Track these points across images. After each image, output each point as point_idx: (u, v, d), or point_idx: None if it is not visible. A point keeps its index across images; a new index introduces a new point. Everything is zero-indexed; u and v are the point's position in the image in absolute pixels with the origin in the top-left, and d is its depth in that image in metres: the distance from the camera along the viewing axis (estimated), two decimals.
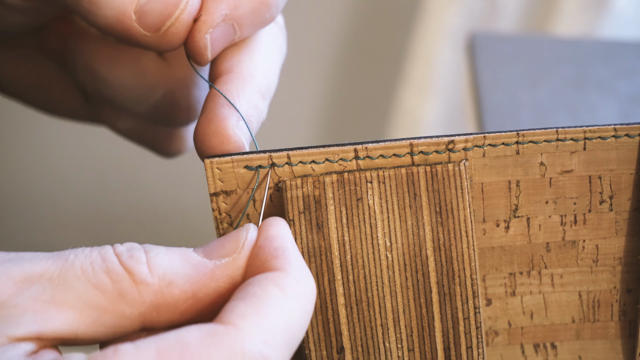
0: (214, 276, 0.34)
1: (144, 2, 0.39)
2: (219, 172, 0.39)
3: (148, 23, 0.39)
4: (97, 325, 0.32)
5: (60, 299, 0.31)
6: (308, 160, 0.38)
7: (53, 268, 0.32)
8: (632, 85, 0.80)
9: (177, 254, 0.34)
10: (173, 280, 0.33)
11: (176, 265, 0.33)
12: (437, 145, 0.38)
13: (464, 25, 1.20)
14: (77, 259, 0.32)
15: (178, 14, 0.39)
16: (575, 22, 1.13)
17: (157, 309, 0.33)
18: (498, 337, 0.42)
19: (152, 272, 0.33)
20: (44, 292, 0.31)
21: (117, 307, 0.32)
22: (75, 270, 0.32)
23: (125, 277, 0.32)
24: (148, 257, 0.33)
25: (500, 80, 0.83)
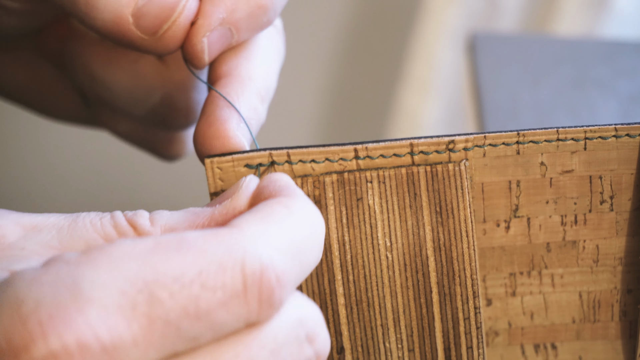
0: (214, 217, 0.34)
1: (142, 4, 0.39)
2: (220, 171, 0.39)
3: (145, 26, 0.39)
4: None
5: (67, 246, 0.32)
6: (308, 159, 0.38)
7: (63, 221, 0.33)
8: (633, 85, 0.80)
9: (180, 211, 0.34)
10: (174, 228, 0.33)
11: (178, 216, 0.34)
12: (437, 145, 0.38)
13: (464, 25, 1.20)
14: (87, 215, 0.33)
15: (175, 17, 0.39)
16: (575, 22, 1.13)
17: None
18: (498, 337, 0.42)
19: (153, 223, 0.33)
20: (53, 239, 0.32)
21: None
22: (85, 222, 0.33)
23: (129, 229, 0.33)
24: (151, 214, 0.34)
25: (500, 80, 0.82)
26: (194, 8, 0.40)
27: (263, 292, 0.29)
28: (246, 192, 0.34)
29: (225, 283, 0.28)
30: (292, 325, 0.30)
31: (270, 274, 0.29)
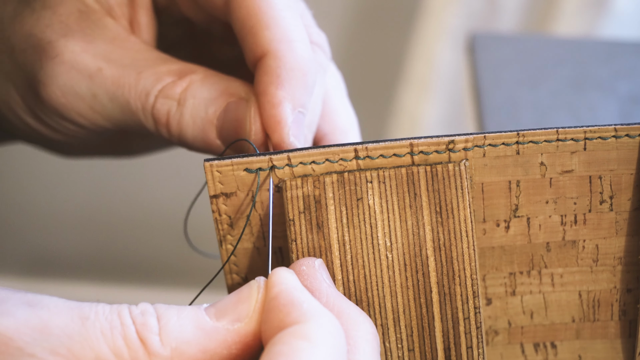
0: (226, 343, 0.34)
1: (220, 125, 0.43)
2: (219, 174, 0.39)
3: (228, 140, 0.43)
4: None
5: (77, 355, 0.32)
6: (308, 161, 0.38)
7: (73, 325, 0.32)
8: (632, 85, 0.80)
9: (189, 319, 0.34)
10: (185, 351, 0.33)
11: (188, 334, 0.33)
12: (437, 145, 0.38)
13: (464, 25, 1.20)
14: (97, 319, 0.33)
15: (247, 134, 0.42)
16: (575, 22, 1.13)
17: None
18: (498, 336, 0.42)
19: (163, 343, 0.33)
20: (62, 346, 0.31)
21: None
22: (96, 331, 0.32)
23: (140, 347, 0.33)
24: (160, 326, 0.33)
25: (500, 80, 0.83)
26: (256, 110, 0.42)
27: None
28: (256, 315, 0.34)
29: None
30: None
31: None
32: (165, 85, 0.43)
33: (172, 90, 0.43)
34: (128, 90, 0.43)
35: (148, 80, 0.43)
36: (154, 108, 0.43)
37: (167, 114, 0.43)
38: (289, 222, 0.38)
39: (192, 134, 0.43)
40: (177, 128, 0.43)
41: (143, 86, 0.43)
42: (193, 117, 0.43)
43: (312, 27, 0.47)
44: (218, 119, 0.43)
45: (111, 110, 0.44)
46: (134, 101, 0.43)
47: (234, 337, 0.34)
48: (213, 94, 0.43)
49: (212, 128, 0.43)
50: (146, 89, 0.43)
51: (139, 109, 0.43)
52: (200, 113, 0.43)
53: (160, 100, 0.43)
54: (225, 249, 0.40)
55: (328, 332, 0.32)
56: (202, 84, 0.43)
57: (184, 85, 0.43)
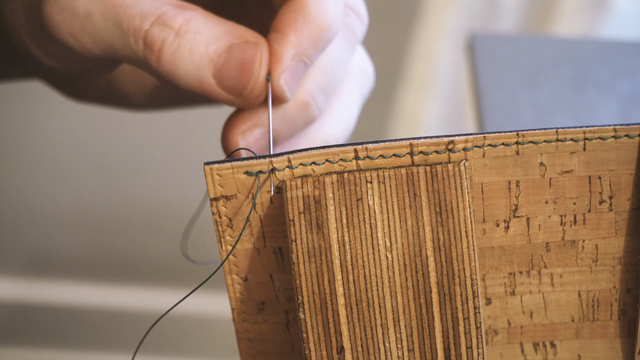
0: None
1: (220, 66, 0.41)
2: (219, 177, 0.39)
3: (229, 86, 0.42)
4: None
5: None
6: (308, 161, 0.38)
7: None
8: (632, 85, 0.80)
9: None
10: None
11: None
12: (437, 146, 0.38)
13: (464, 25, 1.19)
14: None
15: (256, 77, 0.42)
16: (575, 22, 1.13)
17: None
18: (497, 336, 0.42)
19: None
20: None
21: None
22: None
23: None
24: None
25: (500, 80, 0.83)
26: (268, 56, 0.42)
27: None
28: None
29: None
30: None
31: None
32: (164, 13, 0.42)
33: (172, 19, 0.41)
34: (123, 11, 0.42)
35: (146, 5, 0.42)
36: (148, 33, 0.41)
37: (161, 42, 0.41)
38: (289, 223, 0.38)
39: (186, 68, 0.41)
40: (170, 59, 0.41)
41: (140, 9, 0.42)
42: (191, 51, 0.41)
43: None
44: (219, 57, 0.41)
45: (102, 31, 0.42)
46: (127, 23, 0.42)
47: None
48: (217, 32, 0.41)
49: (210, 65, 0.41)
50: (143, 12, 0.42)
51: (130, 31, 0.42)
52: (200, 48, 0.41)
53: (157, 27, 0.41)
54: (225, 250, 0.40)
55: None
56: (205, 20, 0.42)
57: (185, 17, 0.42)
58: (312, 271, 0.38)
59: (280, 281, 0.41)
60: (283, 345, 0.42)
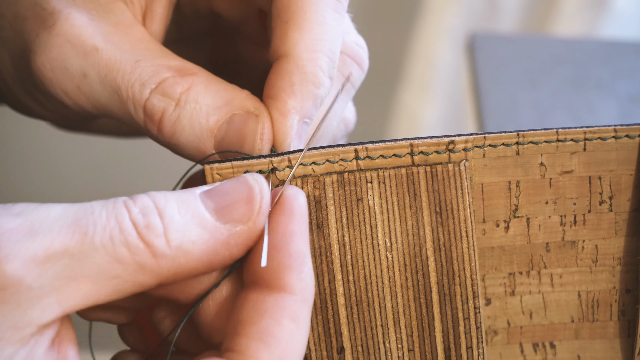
0: (229, 244, 0.35)
1: (220, 138, 0.40)
2: (219, 177, 0.38)
3: (228, 153, 0.41)
4: (115, 294, 0.33)
5: (81, 273, 0.32)
6: (309, 161, 0.38)
7: (73, 243, 0.32)
8: (632, 85, 0.80)
9: (191, 216, 0.34)
10: (189, 251, 0.34)
11: (192, 233, 0.34)
12: (437, 146, 0.38)
13: (464, 25, 1.20)
14: (96, 232, 0.33)
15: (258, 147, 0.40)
16: (575, 22, 1.13)
17: (173, 277, 0.34)
18: (497, 336, 0.42)
19: (169, 244, 0.34)
20: (66, 269, 0.32)
21: (136, 278, 0.33)
22: (96, 245, 0.33)
23: (144, 250, 0.33)
24: (164, 225, 0.34)
25: (500, 80, 0.83)
26: (270, 130, 0.41)
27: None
28: (260, 221, 0.35)
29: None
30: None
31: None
32: (164, 81, 0.41)
33: (172, 88, 0.41)
34: (122, 76, 0.41)
35: (145, 71, 0.41)
36: (147, 102, 0.41)
37: (162, 112, 0.41)
38: None
39: (187, 139, 0.41)
40: (171, 130, 0.41)
41: (139, 75, 0.41)
42: (191, 123, 0.40)
43: (350, 34, 0.46)
44: (219, 129, 0.40)
45: (99, 94, 0.42)
46: (126, 89, 0.41)
47: (236, 239, 0.35)
48: (217, 102, 0.41)
49: (211, 138, 0.40)
50: (142, 79, 0.41)
51: (130, 99, 0.41)
52: (200, 120, 0.40)
53: (157, 96, 0.41)
54: None
55: (308, 310, 0.34)
56: (205, 88, 0.41)
57: (185, 86, 0.41)
58: (312, 271, 0.38)
59: None
60: None
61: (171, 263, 0.33)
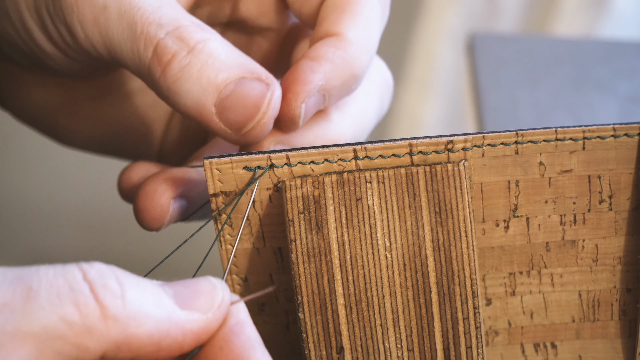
0: (184, 329, 0.32)
1: (224, 96, 0.39)
2: (218, 172, 0.39)
3: (229, 120, 0.39)
4: (56, 356, 0.30)
5: (23, 330, 0.30)
6: (307, 160, 0.38)
7: (16, 299, 0.30)
8: (632, 85, 0.80)
9: (150, 292, 0.32)
10: (142, 323, 0.31)
11: (148, 307, 0.31)
12: (436, 146, 0.38)
13: (464, 25, 1.20)
14: (42, 287, 0.30)
15: (260, 117, 0.39)
16: (575, 22, 1.13)
17: (118, 348, 0.31)
18: (498, 336, 0.42)
19: (125, 307, 0.31)
20: (7, 323, 0.30)
21: (82, 341, 0.30)
22: (41, 301, 0.30)
23: (95, 310, 0.30)
24: (123, 290, 0.31)
25: (500, 80, 0.83)
26: (279, 101, 0.40)
27: None
28: (218, 316, 0.33)
29: None
30: None
31: None
32: (183, 26, 0.39)
33: (189, 35, 0.39)
34: (141, 14, 0.40)
35: (167, 14, 0.40)
36: (160, 42, 0.39)
37: (172, 55, 0.39)
38: (289, 223, 0.38)
39: (190, 88, 0.39)
40: (176, 75, 0.39)
41: (159, 17, 0.40)
42: (199, 73, 0.39)
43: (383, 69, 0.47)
44: (226, 88, 0.39)
45: (113, 28, 0.40)
46: (142, 26, 0.39)
47: (191, 326, 0.32)
48: (231, 61, 0.39)
49: (215, 94, 0.39)
50: (161, 19, 0.40)
51: (143, 36, 0.39)
52: (209, 72, 0.39)
53: (172, 38, 0.39)
54: (225, 249, 0.40)
55: None
56: (222, 45, 0.40)
57: (204, 36, 0.39)
58: (312, 271, 0.38)
59: (280, 282, 0.41)
60: (284, 346, 0.42)
61: (120, 330, 0.31)
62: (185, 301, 0.33)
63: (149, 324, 0.31)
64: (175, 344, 0.32)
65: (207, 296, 0.33)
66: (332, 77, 0.41)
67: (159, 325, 0.31)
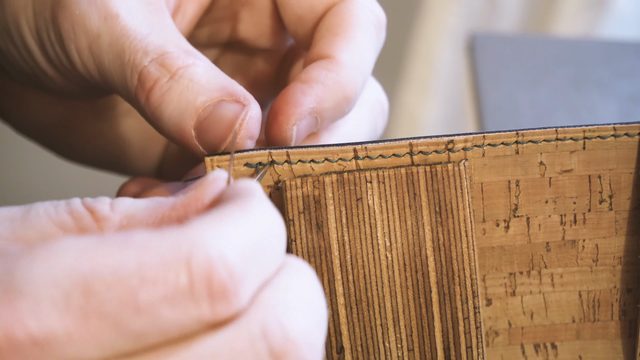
0: (175, 207, 0.33)
1: (203, 118, 0.40)
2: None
3: (206, 141, 0.40)
4: None
5: (21, 235, 0.31)
6: (307, 159, 0.38)
7: (16, 212, 0.32)
8: (632, 85, 0.80)
9: (145, 199, 0.33)
10: (134, 215, 0.32)
11: (139, 204, 0.33)
12: (436, 145, 0.38)
13: (464, 25, 1.20)
14: (41, 204, 0.32)
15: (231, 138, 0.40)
16: (575, 22, 1.13)
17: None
18: (498, 337, 0.42)
19: (113, 209, 0.32)
20: (5, 230, 0.31)
21: None
22: (38, 211, 0.32)
23: (86, 214, 0.32)
24: (112, 200, 0.33)
25: (500, 80, 0.83)
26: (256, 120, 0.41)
27: (214, 287, 0.28)
28: (211, 188, 0.33)
29: (167, 277, 0.28)
30: (252, 338, 0.29)
31: (220, 268, 0.28)
32: (167, 53, 0.41)
33: (171, 61, 0.41)
34: (130, 42, 0.41)
35: (153, 42, 0.41)
36: (144, 69, 0.41)
37: (154, 81, 0.40)
38: (289, 222, 0.38)
39: (170, 113, 0.40)
40: (158, 100, 0.40)
41: (146, 44, 0.41)
42: (179, 97, 0.40)
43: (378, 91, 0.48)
44: (204, 110, 0.40)
45: (105, 55, 0.42)
46: (129, 54, 0.41)
47: (182, 202, 0.33)
48: (211, 85, 0.41)
49: (194, 116, 0.40)
50: (147, 47, 0.41)
51: (129, 63, 0.41)
52: (189, 96, 0.40)
53: (155, 65, 0.41)
54: None
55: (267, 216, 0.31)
56: (204, 71, 0.41)
57: (186, 62, 0.41)
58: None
59: None
60: None
61: (113, 228, 0.32)
62: (179, 193, 0.34)
63: (141, 214, 0.32)
64: (170, 220, 0.33)
65: (198, 181, 0.34)
66: (324, 100, 0.41)
67: (151, 213, 0.33)
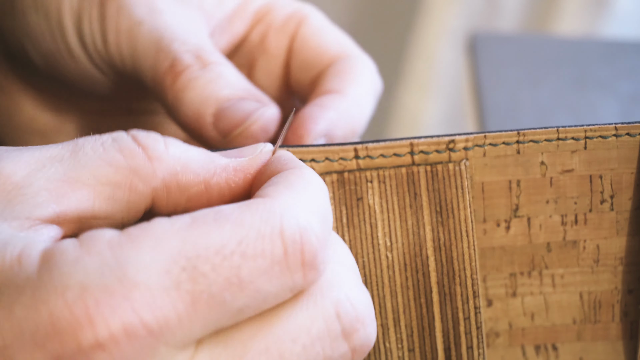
0: (227, 168, 0.34)
1: (223, 108, 0.42)
2: None
3: (220, 127, 0.42)
4: (111, 202, 0.32)
5: (73, 176, 0.32)
6: (308, 158, 0.38)
7: (64, 152, 0.32)
8: (633, 85, 0.80)
9: (195, 147, 0.34)
10: (187, 163, 0.33)
11: (192, 152, 0.33)
12: (437, 145, 0.38)
13: (464, 25, 1.20)
14: (87, 142, 0.32)
15: (248, 124, 0.42)
16: (576, 21, 1.13)
17: (167, 188, 0.33)
18: (499, 338, 0.42)
19: (168, 150, 0.33)
20: (57, 171, 0.31)
21: (131, 182, 0.32)
22: (86, 150, 0.32)
23: (139, 152, 0.32)
24: (165, 140, 0.33)
25: (500, 80, 0.83)
26: (273, 118, 0.43)
27: (305, 255, 0.29)
28: (261, 157, 0.34)
29: (265, 250, 0.29)
30: (327, 318, 0.30)
31: (311, 236, 0.30)
32: (204, 46, 0.43)
33: (206, 55, 0.43)
34: (170, 32, 0.43)
35: (191, 34, 0.43)
36: (178, 55, 0.43)
37: (185, 66, 0.42)
38: None
39: (192, 99, 0.42)
40: (184, 84, 0.42)
41: (185, 37, 0.43)
42: (205, 85, 0.42)
43: None
44: (225, 102, 0.42)
45: (142, 40, 0.44)
46: (167, 41, 0.43)
47: (235, 165, 0.34)
48: (237, 85, 0.43)
49: (215, 104, 0.42)
50: (185, 39, 0.43)
51: (165, 48, 0.43)
52: (214, 87, 0.42)
53: (190, 54, 0.43)
54: None
55: (320, 182, 0.33)
56: (234, 72, 0.43)
57: (218, 59, 0.43)
58: None
59: None
60: None
61: (167, 170, 0.33)
62: (229, 155, 0.34)
63: (193, 165, 0.33)
64: (223, 182, 0.33)
65: (250, 149, 0.35)
66: (337, 127, 0.43)
67: (203, 166, 0.33)
